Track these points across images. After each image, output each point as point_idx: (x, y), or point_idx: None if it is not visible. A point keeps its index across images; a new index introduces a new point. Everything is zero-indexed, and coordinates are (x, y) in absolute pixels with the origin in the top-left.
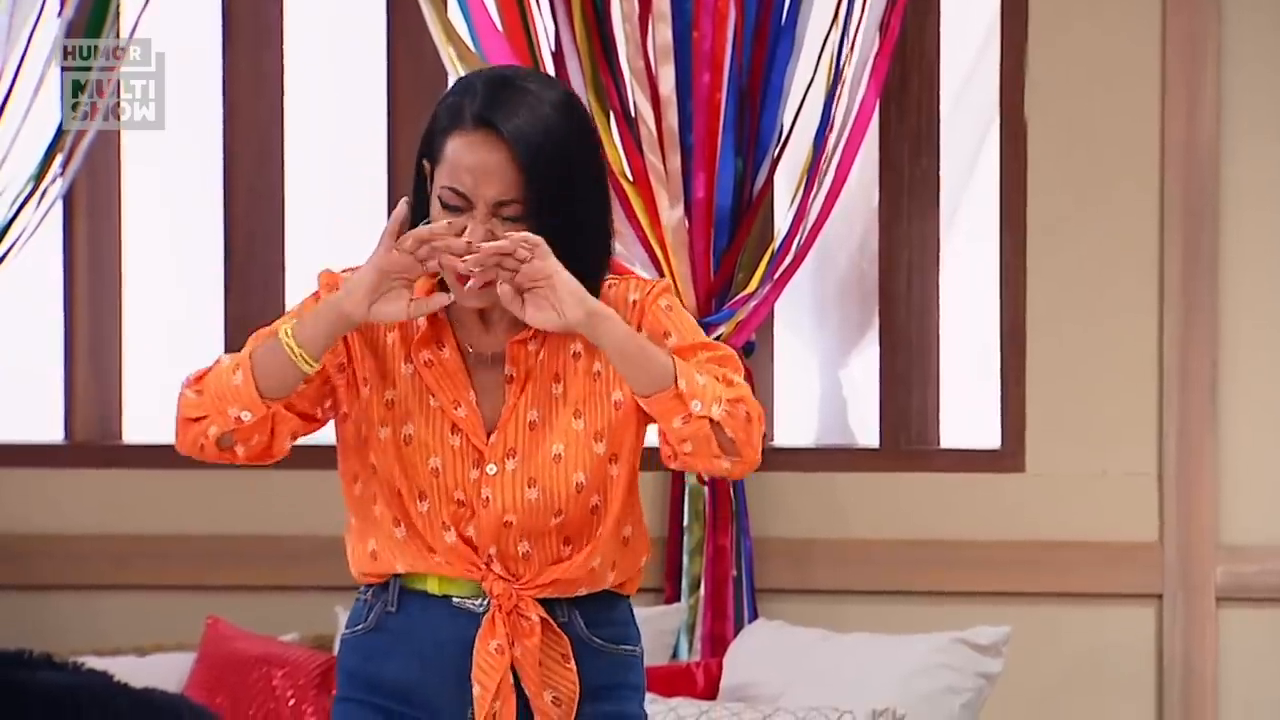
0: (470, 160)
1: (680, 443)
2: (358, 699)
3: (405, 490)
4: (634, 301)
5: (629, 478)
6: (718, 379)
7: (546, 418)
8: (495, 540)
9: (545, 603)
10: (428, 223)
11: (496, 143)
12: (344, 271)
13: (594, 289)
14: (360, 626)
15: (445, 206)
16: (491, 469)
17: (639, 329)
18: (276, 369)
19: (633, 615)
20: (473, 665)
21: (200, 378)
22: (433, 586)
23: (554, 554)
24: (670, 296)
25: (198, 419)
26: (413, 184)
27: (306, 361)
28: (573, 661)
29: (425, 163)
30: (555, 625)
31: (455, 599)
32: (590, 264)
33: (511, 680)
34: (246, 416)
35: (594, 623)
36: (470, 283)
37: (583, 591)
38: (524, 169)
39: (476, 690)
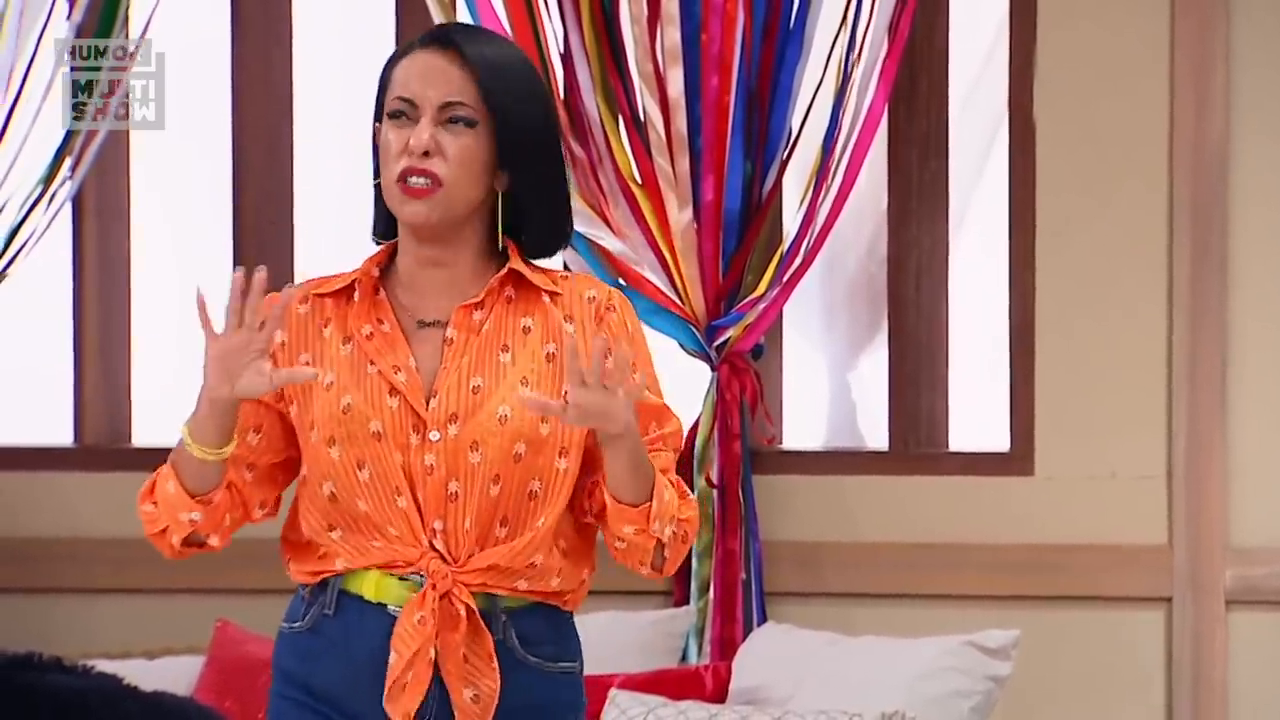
0: (416, 67)
1: (617, 540)
2: (293, 698)
3: (340, 481)
4: (591, 298)
5: (567, 484)
6: (676, 491)
7: (491, 384)
8: (441, 513)
9: (484, 615)
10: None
11: (445, 52)
12: (318, 279)
13: (557, 244)
14: (298, 624)
15: (391, 118)
16: (435, 435)
17: (597, 326)
18: (195, 468)
19: (574, 629)
20: (393, 635)
21: (152, 488)
22: (369, 591)
23: (492, 535)
24: (634, 315)
25: (162, 531)
26: (372, 160)
27: (212, 453)
28: (496, 662)
29: (377, 126)
30: (483, 624)
31: (391, 607)
32: (556, 224)
33: (430, 657)
34: (197, 517)
35: (530, 639)
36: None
37: (522, 586)
38: (477, 79)
39: (392, 658)
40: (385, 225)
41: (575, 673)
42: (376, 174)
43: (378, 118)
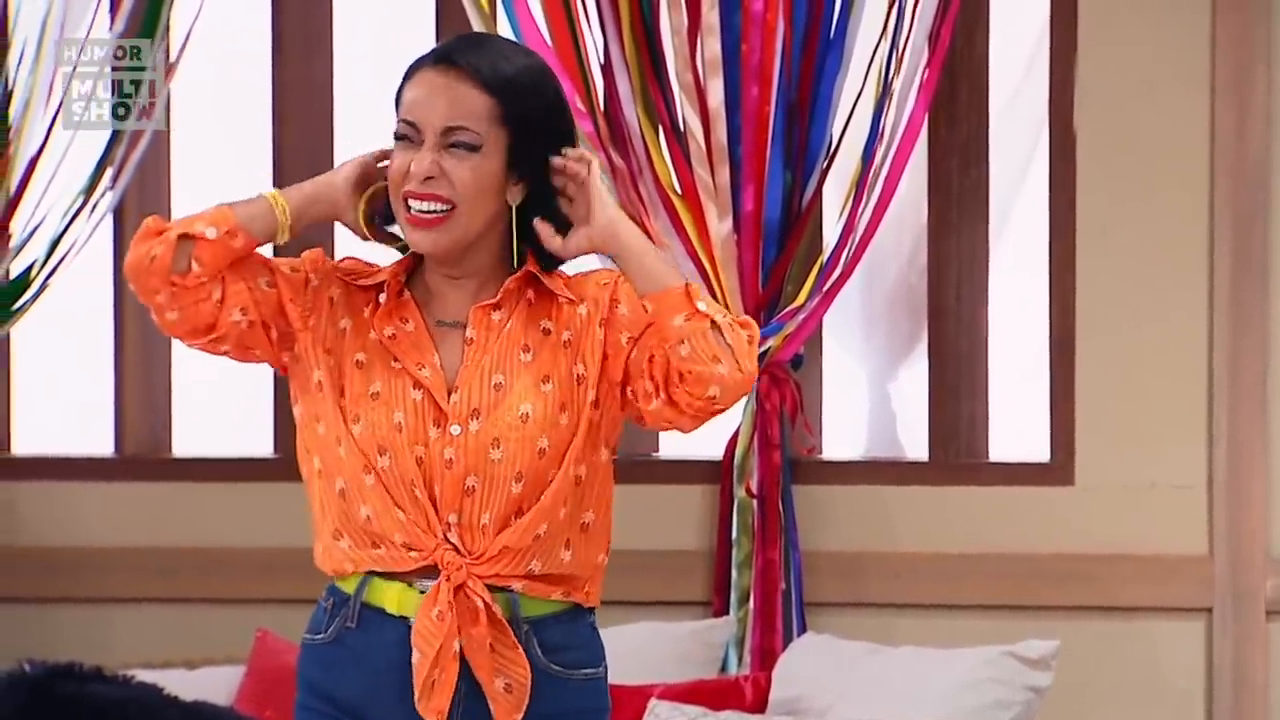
0: (420, 90)
1: (678, 343)
2: (317, 709)
3: (350, 473)
4: (603, 284)
5: (584, 463)
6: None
7: (512, 382)
8: (457, 507)
9: (508, 620)
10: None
11: (451, 73)
12: (358, 262)
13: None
14: (320, 636)
15: (397, 140)
16: (455, 429)
17: (613, 304)
18: (251, 220)
19: (596, 633)
20: (413, 633)
21: (160, 222)
22: (391, 605)
23: (507, 527)
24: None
25: (159, 231)
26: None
27: (285, 213)
28: (521, 650)
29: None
30: (500, 616)
31: (412, 619)
32: (556, 218)
33: (455, 650)
34: (211, 232)
35: (552, 647)
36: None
37: (536, 569)
38: (485, 94)
39: (416, 657)
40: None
41: (599, 678)
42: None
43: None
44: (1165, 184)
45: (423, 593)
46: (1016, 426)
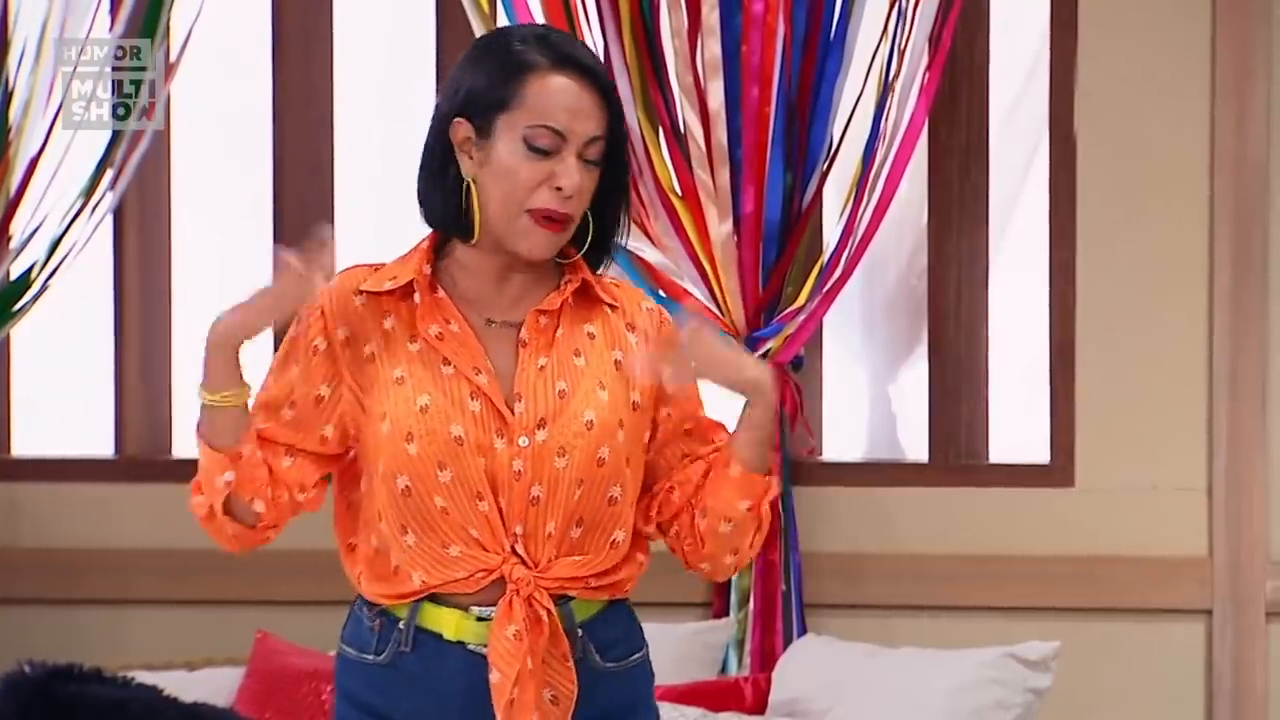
0: (565, 97)
1: (723, 521)
2: None
3: (416, 476)
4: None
5: (634, 496)
6: None
7: (574, 388)
8: (523, 518)
9: (564, 631)
10: (460, 181)
11: (585, 80)
12: (363, 270)
13: (604, 259)
14: (370, 656)
15: (532, 149)
16: (523, 440)
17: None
18: (217, 423)
19: (633, 614)
20: (489, 652)
21: (197, 483)
22: (449, 631)
23: (568, 536)
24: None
25: (209, 514)
26: (435, 149)
27: (226, 398)
28: (571, 662)
29: (463, 120)
30: (561, 626)
31: (471, 645)
32: (616, 227)
33: (529, 667)
34: (229, 477)
35: (605, 645)
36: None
37: (594, 582)
38: (609, 109)
39: (495, 677)
40: (462, 224)
41: (646, 658)
42: (442, 169)
43: (464, 114)
44: (1165, 188)
45: (481, 619)
46: (1016, 428)
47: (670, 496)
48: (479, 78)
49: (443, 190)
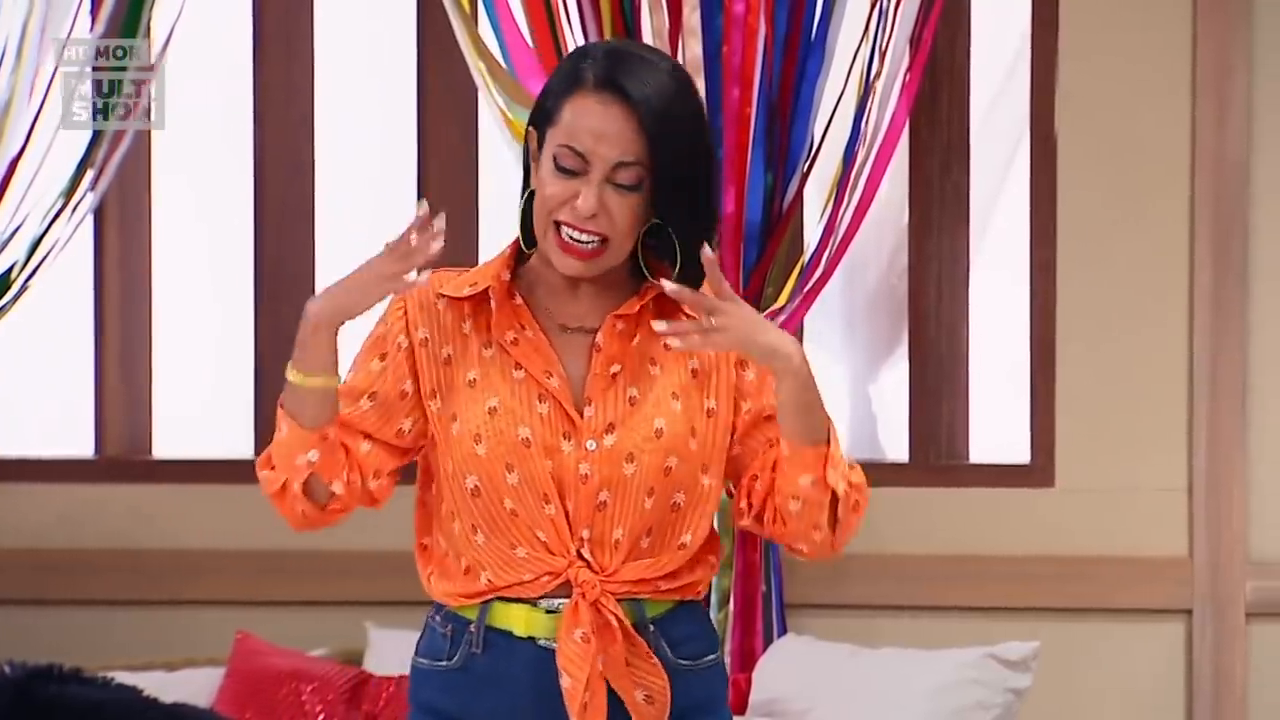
0: (591, 120)
1: (792, 498)
2: None
3: (485, 477)
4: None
5: (715, 501)
6: (845, 458)
7: (645, 395)
8: (590, 523)
9: (635, 628)
10: (530, 193)
11: (619, 104)
12: (446, 274)
13: (700, 281)
14: (443, 662)
15: (559, 169)
16: (591, 444)
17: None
18: (300, 402)
19: (709, 619)
20: (558, 656)
21: (268, 455)
22: (519, 626)
23: (638, 546)
24: None
25: (282, 489)
26: (523, 161)
27: (321, 379)
28: (657, 658)
29: (533, 130)
30: (632, 627)
31: (541, 640)
32: (696, 251)
33: (600, 671)
34: (314, 456)
35: (677, 641)
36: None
37: (663, 586)
38: (646, 134)
39: (566, 682)
40: (522, 229)
41: (720, 661)
42: (527, 179)
43: (534, 124)
44: (1146, 187)
45: (550, 612)
46: (997, 428)
47: (754, 486)
48: (546, 89)
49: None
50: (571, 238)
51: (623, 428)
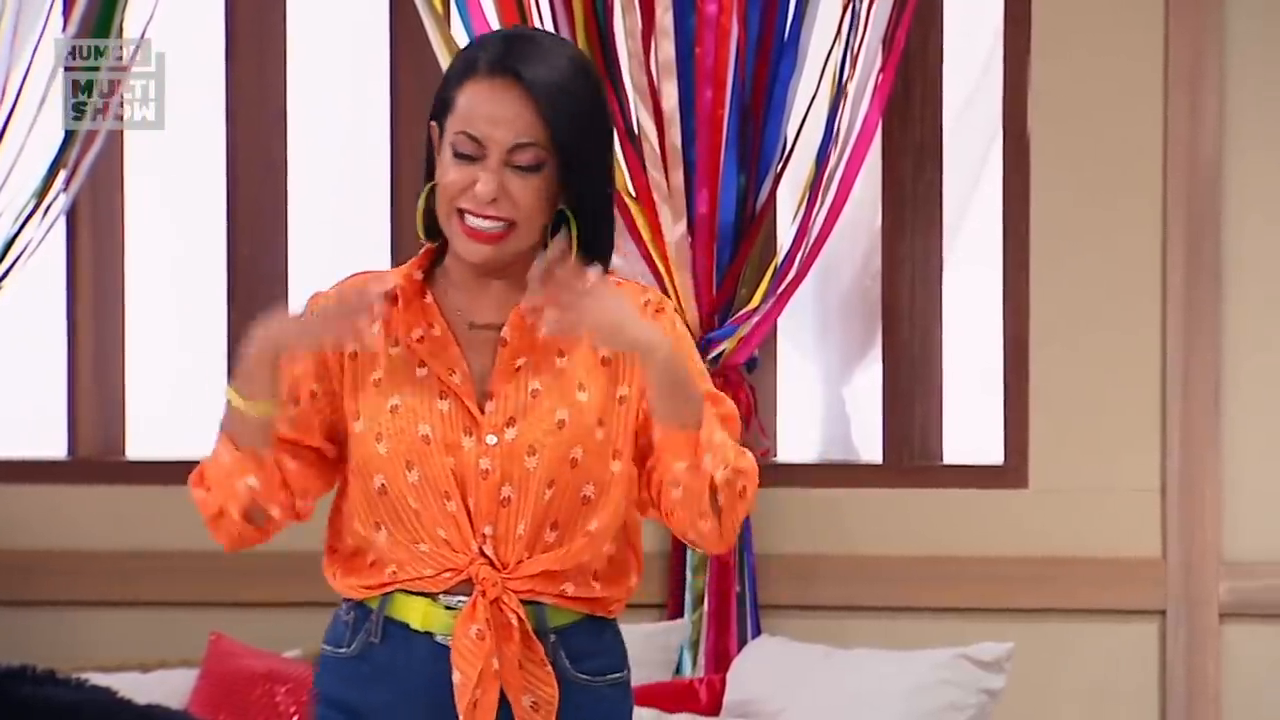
0: (485, 104)
1: (672, 486)
2: None
3: (388, 475)
4: (646, 302)
5: (628, 489)
6: (731, 445)
7: (549, 387)
8: (492, 518)
9: (535, 634)
10: (431, 186)
11: (513, 87)
12: (332, 289)
13: (605, 262)
14: (343, 650)
15: (457, 155)
16: (491, 439)
17: None
18: (241, 425)
19: (619, 636)
20: (451, 652)
21: (201, 473)
22: (416, 620)
23: (541, 539)
24: (681, 320)
25: (219, 514)
26: (424, 153)
27: (262, 407)
28: (550, 666)
29: (434, 123)
30: (532, 632)
31: (438, 635)
32: (604, 235)
33: (495, 669)
34: (254, 482)
35: (580, 656)
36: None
37: (569, 591)
38: (542, 114)
39: (457, 678)
40: (431, 228)
41: (625, 682)
42: (430, 174)
43: (434, 118)
44: (1119, 187)
45: (449, 608)
46: (971, 429)
47: (651, 475)
48: (443, 81)
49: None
50: (474, 224)
51: (524, 421)
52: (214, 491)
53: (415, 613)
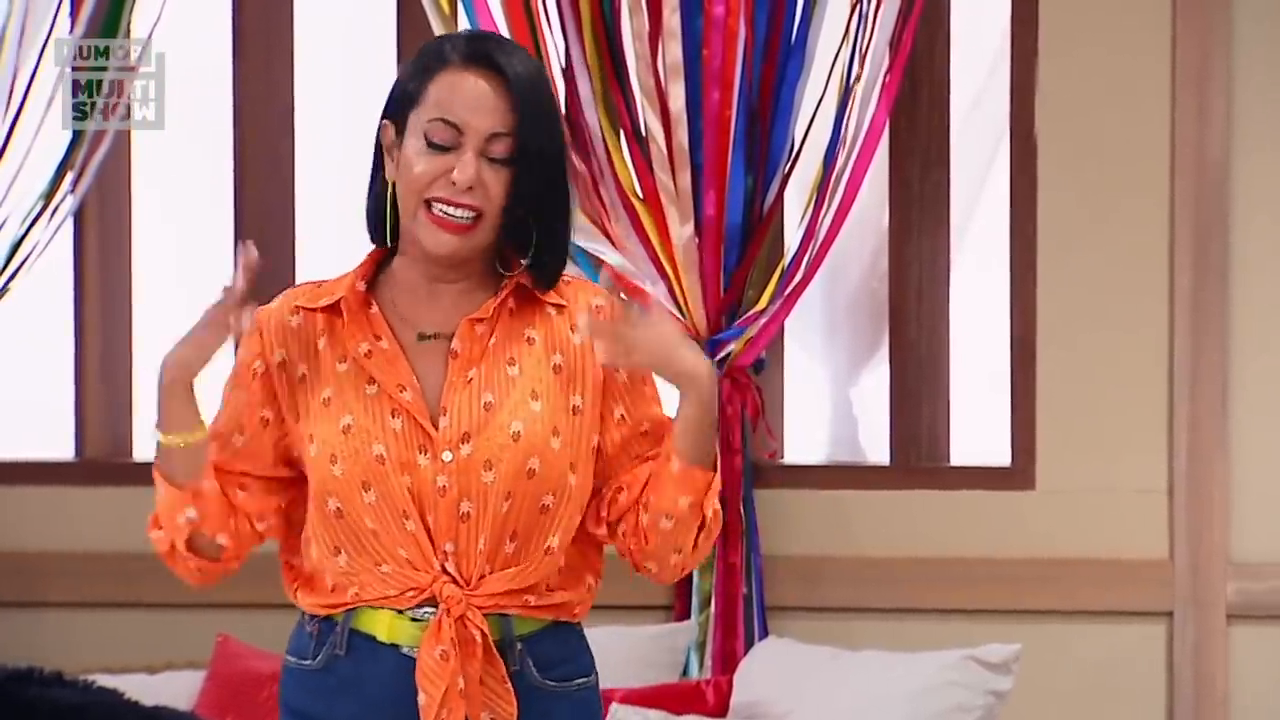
0: (463, 92)
1: (664, 517)
2: None
3: (344, 498)
4: (598, 307)
5: (582, 500)
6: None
7: (502, 399)
8: (453, 535)
9: (499, 645)
10: (386, 186)
11: (489, 76)
12: (304, 288)
13: (556, 274)
14: (308, 661)
15: (430, 145)
16: (447, 455)
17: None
18: (175, 461)
19: (584, 640)
20: (416, 672)
21: (155, 517)
22: (381, 632)
23: (501, 551)
24: None
25: (170, 550)
26: (373, 157)
27: (183, 437)
28: (510, 684)
29: (389, 123)
30: (495, 648)
31: (404, 648)
32: (561, 234)
33: (459, 689)
34: (192, 514)
35: (546, 663)
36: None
37: (531, 601)
38: (517, 106)
39: (422, 699)
40: (384, 231)
41: (592, 686)
42: (375, 174)
43: (390, 116)
44: (1126, 188)
45: (415, 620)
46: (978, 431)
47: (618, 497)
48: (403, 78)
49: (371, 197)
50: (445, 213)
51: (479, 436)
52: (165, 529)
53: (381, 625)
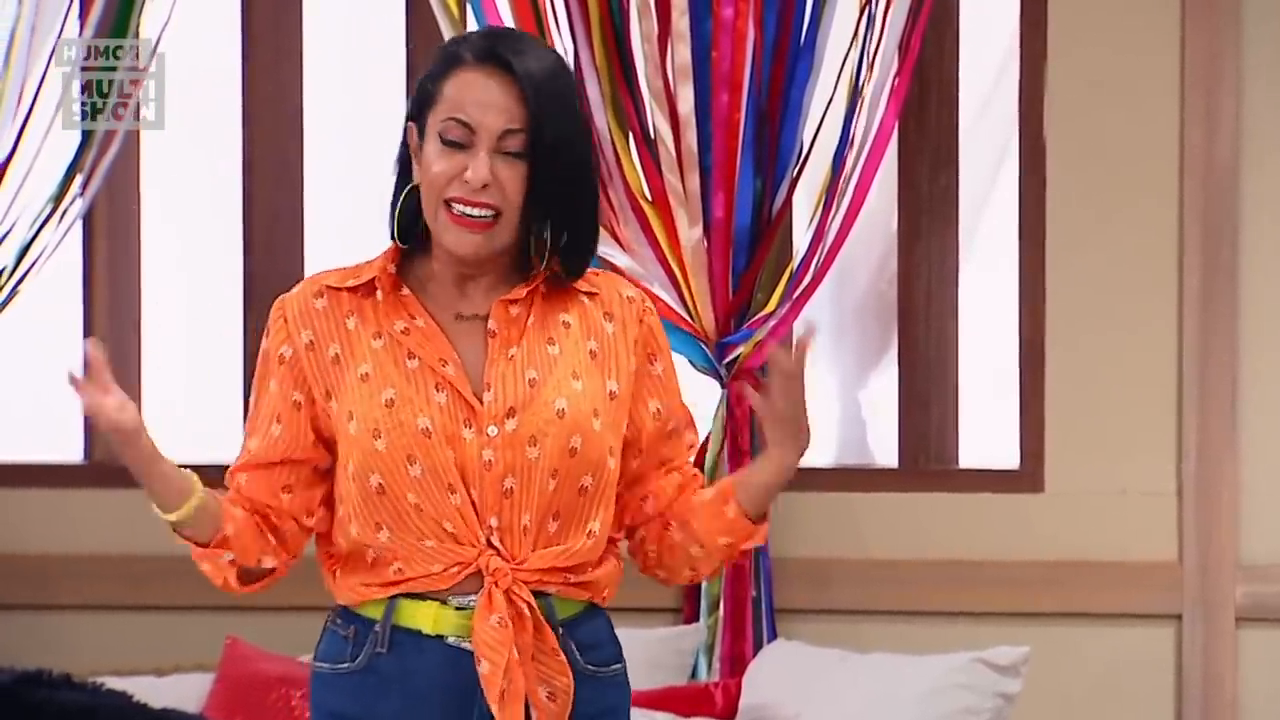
0: (475, 91)
1: (696, 545)
2: None
3: (388, 472)
4: (630, 299)
5: (614, 489)
6: None
7: (545, 376)
8: (497, 510)
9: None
10: (411, 187)
11: (500, 74)
12: (325, 273)
13: (585, 263)
14: (344, 664)
15: (445, 144)
16: (493, 430)
17: (647, 352)
18: (182, 530)
19: (613, 629)
20: (474, 643)
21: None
22: (427, 624)
23: (545, 530)
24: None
25: (224, 583)
26: (399, 160)
27: (177, 513)
28: (563, 655)
29: (411, 124)
30: (544, 620)
31: (451, 638)
32: (587, 221)
33: (515, 658)
34: (229, 557)
35: (585, 646)
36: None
37: (571, 579)
38: (528, 101)
39: (485, 668)
40: (408, 230)
41: (624, 673)
42: (404, 176)
43: (413, 118)
44: (1135, 190)
45: (460, 609)
46: (986, 433)
47: (643, 506)
48: (423, 80)
49: (396, 198)
50: (464, 212)
51: (524, 411)
52: (210, 565)
53: (426, 617)
